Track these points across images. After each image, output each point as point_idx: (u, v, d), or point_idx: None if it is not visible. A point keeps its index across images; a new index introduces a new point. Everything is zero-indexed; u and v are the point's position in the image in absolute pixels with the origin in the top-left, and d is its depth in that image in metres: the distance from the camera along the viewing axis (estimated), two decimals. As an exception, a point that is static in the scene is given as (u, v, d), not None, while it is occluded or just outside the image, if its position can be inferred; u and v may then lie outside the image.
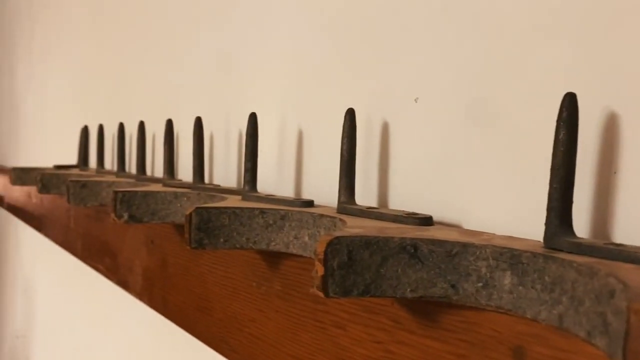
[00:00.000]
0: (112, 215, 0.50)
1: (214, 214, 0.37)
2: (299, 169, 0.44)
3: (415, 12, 0.33)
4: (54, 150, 1.25)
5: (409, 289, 0.26)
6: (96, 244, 0.78)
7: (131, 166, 0.73)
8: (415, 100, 0.34)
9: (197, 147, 0.51)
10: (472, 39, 0.31)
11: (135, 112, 0.77)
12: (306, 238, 0.35)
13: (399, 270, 0.26)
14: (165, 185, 0.55)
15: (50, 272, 1.22)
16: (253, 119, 0.43)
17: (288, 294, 0.38)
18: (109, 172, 0.76)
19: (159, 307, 0.58)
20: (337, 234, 0.26)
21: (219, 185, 0.51)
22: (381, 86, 0.36)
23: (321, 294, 0.25)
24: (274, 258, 0.40)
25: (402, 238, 0.26)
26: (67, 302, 1.09)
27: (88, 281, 0.97)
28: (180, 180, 0.58)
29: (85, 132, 0.85)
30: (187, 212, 0.37)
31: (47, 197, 1.07)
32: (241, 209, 0.37)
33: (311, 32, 0.43)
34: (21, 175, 0.91)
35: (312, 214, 0.35)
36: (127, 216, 0.49)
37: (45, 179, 0.76)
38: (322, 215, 0.34)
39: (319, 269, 0.25)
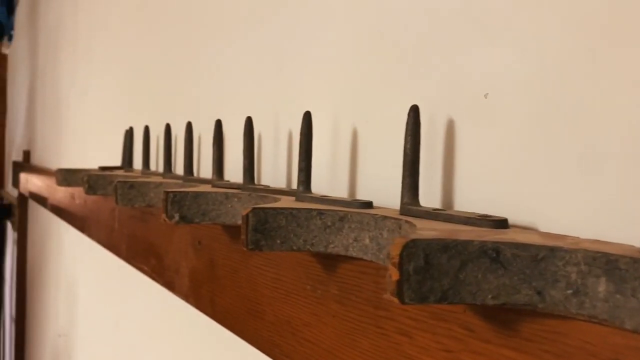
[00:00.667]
0: (163, 215, 0.49)
1: (271, 215, 0.36)
2: (353, 169, 0.43)
3: (486, 1, 0.32)
4: (96, 152, 1.27)
5: (489, 296, 0.24)
6: (141, 245, 0.78)
7: (176, 167, 0.73)
8: (485, 96, 0.32)
9: (248, 147, 0.50)
10: (550, 28, 0.29)
11: (179, 114, 0.77)
12: (367, 240, 0.34)
13: (479, 275, 0.24)
14: (214, 186, 0.54)
15: (93, 272, 1.24)
16: (307, 117, 0.41)
17: (346, 298, 0.37)
18: (155, 174, 0.76)
19: (206, 309, 0.58)
20: (413, 236, 0.24)
21: (268, 186, 0.50)
22: (446, 82, 0.34)
23: (396, 300, 0.24)
24: (330, 261, 0.39)
25: (483, 241, 0.24)
26: (110, 301, 1.10)
27: (131, 281, 0.98)
28: (228, 181, 0.58)
29: (130, 133, 0.85)
30: (244, 213, 0.36)
31: (90, 199, 1.08)
32: (298, 209, 0.36)
33: (368, 24, 0.42)
34: (67, 177, 0.93)
35: (373, 215, 0.34)
36: (178, 217, 0.49)
37: (91, 180, 0.77)
38: (385, 217, 0.33)
39: (394, 274, 0.24)
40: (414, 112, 0.33)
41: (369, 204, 0.37)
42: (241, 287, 0.51)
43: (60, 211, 1.40)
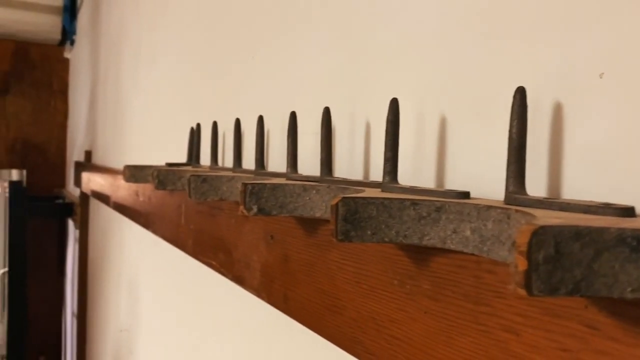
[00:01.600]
0: (241, 207, 0.49)
1: (361, 205, 0.35)
2: (441, 159, 0.41)
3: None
4: (157, 151, 1.29)
5: (629, 289, 0.22)
6: (209, 240, 0.78)
7: (245, 162, 0.73)
8: (600, 76, 0.29)
9: (326, 138, 0.49)
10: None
11: (244, 109, 0.77)
12: (468, 232, 0.32)
13: (617, 266, 0.22)
14: (289, 179, 0.53)
15: (155, 267, 1.26)
16: (395, 104, 0.40)
17: (441, 293, 0.35)
18: (224, 169, 0.76)
19: (279, 303, 0.57)
20: (541, 222, 0.22)
21: (346, 179, 0.49)
22: (553, 61, 0.32)
23: (523, 292, 0.22)
24: (420, 254, 0.37)
25: (621, 229, 0.22)
26: (172, 297, 1.12)
27: (195, 277, 0.99)
28: (301, 174, 0.57)
29: (197, 130, 0.86)
30: (333, 202, 0.35)
31: (155, 195, 1.10)
32: (390, 199, 0.35)
33: (458, 1, 0.40)
34: (135, 173, 0.94)
35: (475, 205, 0.32)
36: (257, 209, 0.48)
37: (161, 175, 0.78)
38: (489, 207, 0.31)
39: (521, 264, 0.22)
40: (521, 94, 0.31)
41: (466, 194, 0.35)
42: (318, 282, 0.50)
43: (123, 208, 1.44)
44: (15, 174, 3.87)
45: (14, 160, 3.34)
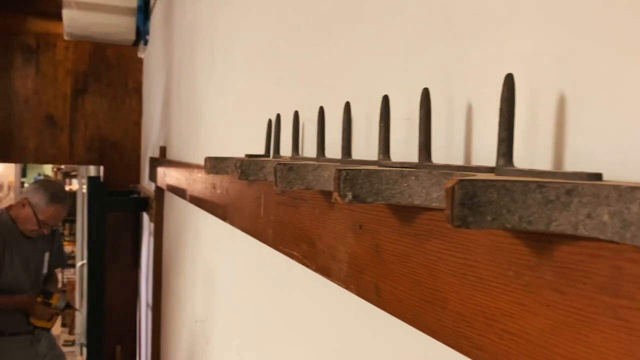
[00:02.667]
0: (335, 194, 0.47)
1: (480, 188, 0.32)
2: (559, 141, 0.38)
3: None
4: (233, 145, 1.30)
5: None
6: (291, 230, 0.78)
7: (326, 152, 0.71)
8: None
9: (425, 121, 0.46)
10: None
11: (326, 97, 0.75)
12: (606, 217, 0.29)
13: None
14: (381, 166, 0.51)
15: (232, 259, 1.27)
16: (510, 80, 0.37)
17: (568, 285, 0.32)
18: (306, 159, 0.74)
19: (369, 296, 0.55)
20: None
21: (447, 164, 0.46)
22: None
23: None
24: (541, 242, 0.34)
25: None
26: (250, 288, 1.12)
27: (273, 268, 0.98)
28: (393, 161, 0.54)
29: (277, 120, 0.85)
30: (448, 185, 0.32)
31: (233, 187, 1.11)
32: (513, 182, 0.32)
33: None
34: (215, 164, 0.95)
35: (615, 186, 0.28)
36: (351, 196, 0.46)
37: (244, 165, 0.77)
38: (634, 188, 0.27)
39: None
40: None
41: (598, 176, 0.31)
42: (415, 273, 0.47)
43: (199, 201, 1.46)
44: (93, 170, 4.06)
45: (92, 157, 3.50)
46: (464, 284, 0.41)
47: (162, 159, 2.41)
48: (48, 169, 13.40)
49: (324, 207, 0.66)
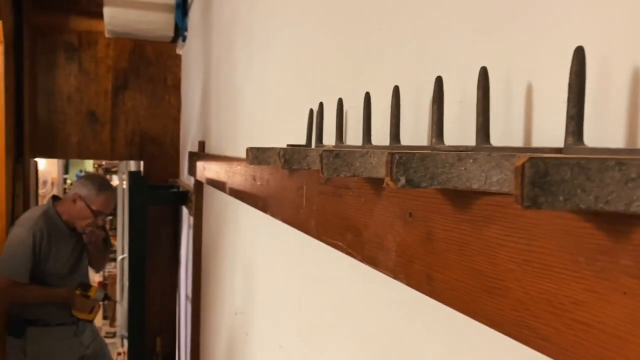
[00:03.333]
0: (387, 179, 0.45)
1: (553, 166, 0.30)
2: (633, 117, 0.35)
3: None
4: (273, 137, 1.30)
5: None
6: (334, 220, 0.76)
7: (373, 139, 0.70)
8: None
9: (483, 101, 0.44)
10: None
11: (370, 83, 0.74)
12: (696, 195, 0.26)
13: None
14: (435, 150, 0.49)
15: (272, 251, 1.27)
16: (580, 54, 0.35)
17: (649, 270, 0.30)
18: (350, 147, 0.73)
19: (421, 285, 0.53)
20: None
21: (507, 146, 0.44)
22: None
23: None
24: (617, 225, 0.32)
25: None
26: (289, 279, 1.12)
27: (314, 258, 0.97)
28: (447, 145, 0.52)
29: (320, 109, 0.84)
30: (518, 163, 0.30)
31: (274, 178, 1.10)
32: (588, 159, 0.30)
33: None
34: (257, 155, 0.94)
35: None
36: (405, 180, 0.45)
37: (287, 154, 0.76)
38: None
39: None
40: None
41: (684, 152, 0.29)
42: (472, 261, 0.45)
43: (239, 194, 1.46)
44: (133, 165, 4.14)
45: (132, 152, 3.57)
46: (527, 271, 0.39)
47: (201, 153, 2.43)
48: (89, 166, 13.76)
49: (371, 196, 0.64)
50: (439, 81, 0.50)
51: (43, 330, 2.65)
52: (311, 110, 0.93)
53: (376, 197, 0.63)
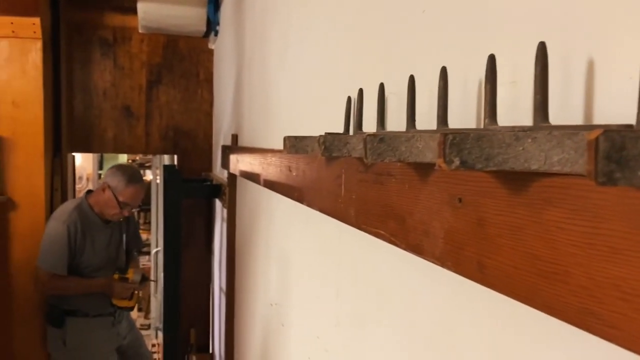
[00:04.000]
0: (439, 161, 0.44)
1: (630, 140, 0.28)
2: None
3: None
4: (307, 126, 1.28)
5: None
6: (376, 208, 0.75)
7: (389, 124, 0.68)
8: None
9: (541, 78, 0.42)
10: None
11: (412, 66, 0.72)
12: None
13: None
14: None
15: (306, 241, 1.26)
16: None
17: None
18: (393, 133, 0.71)
19: (471, 273, 0.51)
20: None
21: (568, 125, 0.42)
22: None
23: None
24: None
25: None
26: (326, 269, 1.11)
27: (351, 248, 0.96)
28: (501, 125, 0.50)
29: (360, 95, 0.82)
30: (591, 137, 0.29)
31: (310, 168, 1.09)
32: (670, 131, 0.28)
33: None
34: (295, 143, 0.93)
35: None
36: (459, 162, 0.43)
37: (327, 141, 0.75)
38: None
39: None
40: None
41: None
42: (528, 246, 0.43)
43: (274, 185, 1.46)
44: (167, 159, 4.19)
45: (166, 146, 3.61)
46: (591, 255, 0.37)
47: (234, 146, 2.44)
48: (123, 161, 14.04)
49: (416, 182, 0.62)
50: (491, 60, 0.48)
51: (82, 321, 2.71)
52: (349, 98, 0.92)
53: (422, 183, 0.61)
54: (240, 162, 2.11)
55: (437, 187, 0.58)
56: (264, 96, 1.83)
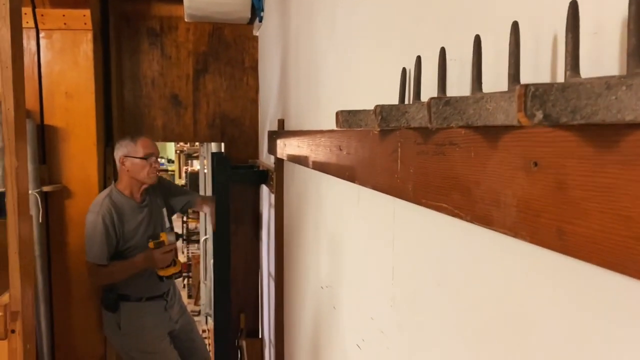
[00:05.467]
0: (520, 115, 0.40)
1: None
2: None
3: None
4: (356, 104, 1.25)
5: None
6: (437, 181, 0.71)
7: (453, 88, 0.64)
8: None
9: (636, 20, 0.38)
10: None
11: (471, 30, 0.67)
12: None
13: None
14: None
15: (358, 222, 1.23)
16: None
17: None
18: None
19: (550, 241, 0.47)
20: None
21: (666, 71, 0.37)
22: None
23: None
24: None
25: None
26: (379, 251, 1.08)
27: (406, 225, 0.93)
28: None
29: (418, 62, 0.78)
30: None
31: (362, 145, 1.06)
32: None
33: None
34: (348, 118, 0.91)
35: None
36: (542, 115, 0.39)
37: (384, 112, 0.72)
38: None
39: None
40: None
41: None
42: (620, 207, 0.39)
43: (323, 166, 1.44)
44: (214, 147, 4.23)
45: (214, 134, 3.64)
46: (703, 213, 0.33)
47: (280, 130, 2.43)
48: (171, 152, 14.33)
49: (483, 148, 0.59)
50: (573, 5, 0.44)
51: (135, 306, 2.77)
52: (404, 69, 0.88)
53: (490, 150, 0.57)
54: (287, 146, 2.10)
55: (509, 152, 0.54)
56: (311, 77, 1.81)
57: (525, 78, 0.56)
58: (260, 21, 3.36)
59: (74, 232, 3.03)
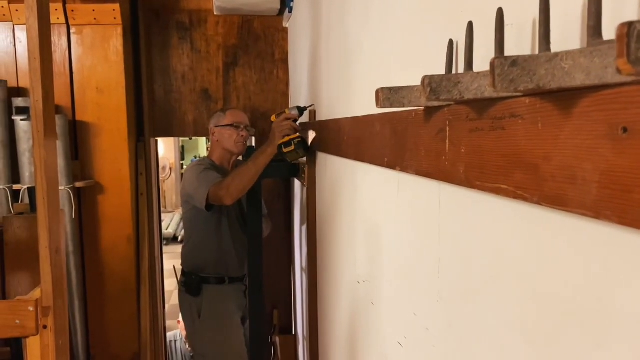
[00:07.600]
0: (621, 60, 0.32)
1: None
2: None
3: None
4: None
5: None
6: (494, 160, 0.64)
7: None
8: None
9: None
10: None
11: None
12: None
13: None
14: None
15: (398, 212, 1.16)
16: None
17: None
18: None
19: (646, 221, 0.40)
20: None
21: None
22: None
23: None
24: None
25: None
26: (422, 242, 1.00)
27: (455, 214, 0.85)
28: None
29: (469, 29, 0.71)
30: None
31: (403, 128, 0.99)
32: None
33: None
34: (389, 96, 0.83)
35: None
36: (650, 58, 0.31)
37: (434, 83, 0.65)
38: None
39: None
40: None
41: None
42: None
43: (359, 154, 1.37)
44: (245, 142, 4.19)
45: (244, 128, 3.60)
46: None
47: (312, 121, 2.37)
48: (203, 150, 14.45)
49: (555, 117, 0.51)
50: None
51: (217, 289, 2.78)
52: (450, 41, 0.81)
53: (563, 118, 0.49)
54: (320, 136, 2.03)
55: (589, 117, 0.46)
56: (344, 65, 1.74)
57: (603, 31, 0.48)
58: (290, 12, 3.30)
59: (107, 227, 3.03)
